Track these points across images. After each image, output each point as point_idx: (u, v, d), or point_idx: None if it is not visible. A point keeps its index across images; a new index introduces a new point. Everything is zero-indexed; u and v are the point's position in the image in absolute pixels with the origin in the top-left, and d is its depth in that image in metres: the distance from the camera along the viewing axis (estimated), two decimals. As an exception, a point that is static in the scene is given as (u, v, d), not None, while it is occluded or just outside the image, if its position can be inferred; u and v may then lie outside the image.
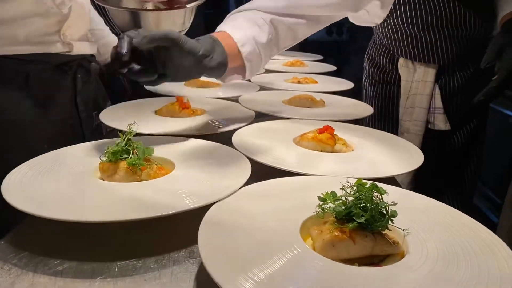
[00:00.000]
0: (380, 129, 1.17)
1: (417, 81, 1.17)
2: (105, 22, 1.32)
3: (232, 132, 0.90)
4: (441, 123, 1.15)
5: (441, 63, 1.17)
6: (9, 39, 0.79)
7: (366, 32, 2.57)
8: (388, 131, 1.15)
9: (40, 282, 0.49)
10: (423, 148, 1.02)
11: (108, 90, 1.16)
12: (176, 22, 1.12)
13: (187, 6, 1.10)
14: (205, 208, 0.57)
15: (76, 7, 0.91)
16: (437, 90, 1.17)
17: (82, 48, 0.96)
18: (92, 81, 1.05)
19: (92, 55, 1.06)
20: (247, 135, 0.89)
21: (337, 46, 3.20)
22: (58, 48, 0.88)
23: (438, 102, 1.16)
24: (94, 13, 1.24)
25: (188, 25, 1.17)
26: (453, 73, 1.18)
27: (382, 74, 1.32)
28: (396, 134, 1.23)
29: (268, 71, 1.70)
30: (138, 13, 1.08)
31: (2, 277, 0.49)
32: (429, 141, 1.19)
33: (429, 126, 1.18)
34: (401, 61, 1.24)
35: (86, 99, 1.01)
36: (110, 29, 1.34)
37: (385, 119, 1.31)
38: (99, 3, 1.08)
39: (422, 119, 1.16)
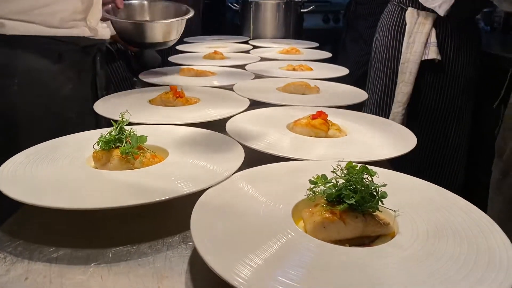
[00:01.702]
0: (383, 72, 1.61)
1: (419, 23, 1.48)
2: None
3: (226, 119, 0.90)
4: (433, 54, 1.46)
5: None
6: (45, 23, 0.93)
7: (362, 19, 2.56)
8: (390, 70, 1.59)
9: (35, 269, 0.50)
10: (418, 77, 1.48)
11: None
12: (173, 31, 1.36)
13: (180, 18, 1.33)
14: (198, 194, 0.58)
15: None
16: (434, 30, 1.48)
17: (103, 33, 1.11)
18: (104, 65, 1.18)
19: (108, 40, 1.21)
20: (240, 122, 0.89)
21: (334, 33, 3.17)
22: (86, 32, 1.03)
23: (433, 37, 1.47)
24: None
25: (180, 34, 1.41)
26: (446, 22, 1.49)
27: (392, 25, 1.62)
28: (397, 70, 1.55)
29: (263, 59, 1.69)
30: (141, 24, 1.32)
31: (-2, 265, 0.50)
32: (424, 71, 1.51)
33: (423, 58, 1.48)
34: (409, 10, 1.53)
35: (101, 80, 1.14)
36: None
37: (390, 60, 1.62)
38: (106, 17, 1.22)
39: (420, 50, 1.48)
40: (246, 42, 2.18)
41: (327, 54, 1.85)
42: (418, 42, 1.48)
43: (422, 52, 1.48)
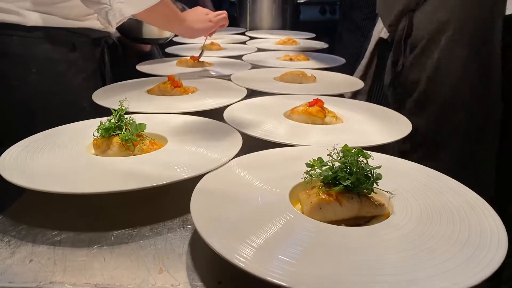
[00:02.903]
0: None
1: None
2: None
3: (224, 108, 0.91)
4: (383, 33, 1.46)
5: None
6: (63, 16, 0.98)
7: (358, 10, 2.56)
8: None
9: (39, 252, 0.51)
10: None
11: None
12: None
13: None
14: (197, 179, 0.59)
15: None
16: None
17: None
18: (109, 57, 1.23)
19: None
20: (238, 111, 0.90)
21: (331, 25, 3.17)
22: (97, 25, 1.07)
23: None
24: None
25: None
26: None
27: None
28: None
29: (260, 49, 1.70)
30: (139, 21, 1.39)
31: (2, 248, 0.51)
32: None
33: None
34: None
35: (108, 71, 1.19)
36: None
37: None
38: None
39: (380, 29, 1.48)
40: (243, 34, 2.19)
41: (324, 45, 1.86)
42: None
43: (381, 31, 1.51)
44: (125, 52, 1.56)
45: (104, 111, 0.93)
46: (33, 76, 0.95)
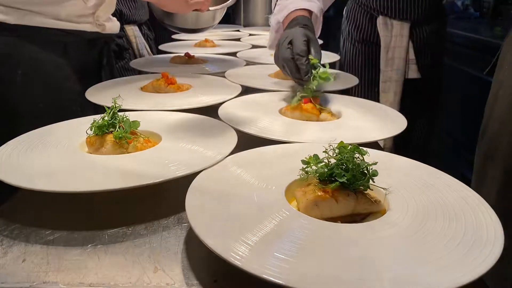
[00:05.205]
0: (361, 85, 1.50)
1: (395, 36, 1.41)
2: None
3: (218, 105, 0.91)
4: (414, 73, 1.44)
5: (413, 20, 1.41)
6: (52, 16, 0.93)
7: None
8: (370, 85, 1.50)
9: (33, 251, 0.50)
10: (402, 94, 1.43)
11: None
12: (213, 17, 1.38)
13: (223, 5, 1.28)
14: (192, 177, 0.58)
15: None
16: (411, 44, 1.43)
17: (111, 28, 1.09)
18: (111, 57, 1.19)
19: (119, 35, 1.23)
20: (233, 108, 0.90)
21: (326, 21, 3.17)
22: (92, 28, 1.02)
23: (411, 54, 1.43)
24: None
25: (219, 20, 1.42)
26: (422, 28, 1.44)
27: (362, 34, 1.51)
28: (377, 85, 1.48)
29: (254, 46, 1.69)
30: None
31: (-5, 248, 0.51)
32: (406, 88, 1.47)
33: (405, 77, 1.45)
34: (380, 19, 1.43)
35: (107, 72, 1.14)
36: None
37: (367, 74, 1.53)
38: None
39: (401, 67, 1.43)
40: (237, 31, 2.18)
41: (318, 41, 1.85)
42: (399, 58, 1.41)
43: (404, 70, 1.42)
44: (129, 53, 1.53)
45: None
46: (19, 78, 0.90)
